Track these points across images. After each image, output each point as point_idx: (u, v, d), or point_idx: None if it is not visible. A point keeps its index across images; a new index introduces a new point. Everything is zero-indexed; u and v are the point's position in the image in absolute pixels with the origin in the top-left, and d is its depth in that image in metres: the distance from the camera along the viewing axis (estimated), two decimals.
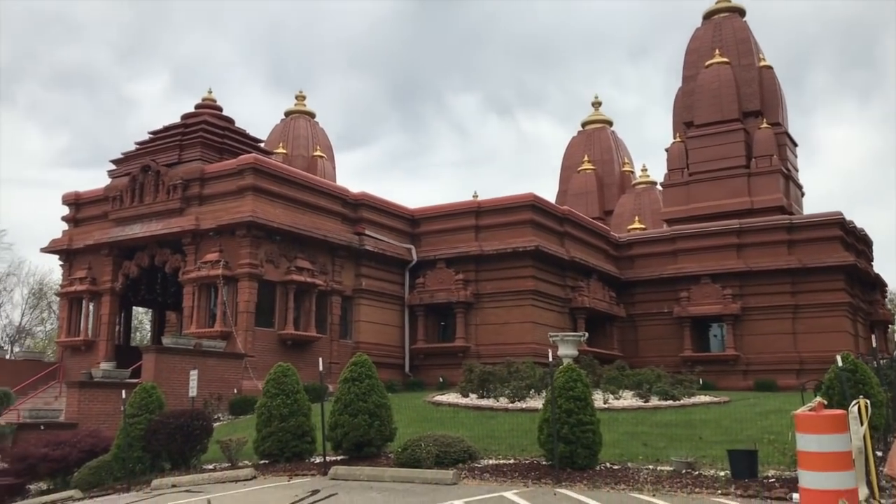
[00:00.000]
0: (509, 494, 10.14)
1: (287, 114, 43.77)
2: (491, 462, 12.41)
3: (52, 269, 52.09)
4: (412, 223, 31.64)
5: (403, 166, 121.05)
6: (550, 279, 30.32)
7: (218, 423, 18.41)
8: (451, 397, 20.41)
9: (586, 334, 24.41)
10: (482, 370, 19.84)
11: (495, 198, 31.02)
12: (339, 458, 13.18)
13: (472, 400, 19.49)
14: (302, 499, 10.39)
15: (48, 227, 61.56)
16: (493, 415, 17.45)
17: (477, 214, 30.45)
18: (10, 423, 17.53)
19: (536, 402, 18.11)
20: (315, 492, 10.82)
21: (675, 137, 39.76)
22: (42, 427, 17.49)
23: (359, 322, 28.62)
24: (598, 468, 11.55)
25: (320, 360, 13.75)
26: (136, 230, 26.53)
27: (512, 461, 12.39)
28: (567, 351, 21.20)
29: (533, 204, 29.67)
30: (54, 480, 15.54)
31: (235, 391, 21.69)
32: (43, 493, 15.50)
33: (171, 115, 29.54)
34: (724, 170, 37.06)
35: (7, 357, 30.80)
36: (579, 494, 10.02)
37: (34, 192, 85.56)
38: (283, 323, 25.48)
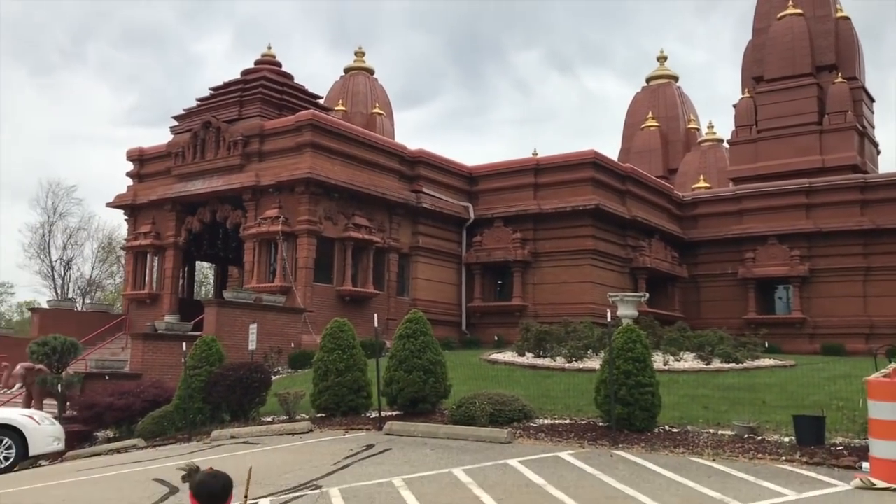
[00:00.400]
0: (564, 455, 9.99)
1: (346, 70, 43.60)
2: (546, 422, 12.26)
3: (119, 224, 53.47)
4: (470, 181, 31.33)
5: (462, 125, 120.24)
6: (610, 238, 29.77)
7: (277, 377, 18.68)
8: (507, 356, 20.29)
9: (647, 295, 23.94)
10: (539, 329, 19.64)
11: (555, 155, 30.45)
12: (394, 413, 13.21)
13: (529, 359, 19.33)
14: (356, 453, 10.42)
15: (116, 184, 63.09)
16: (548, 374, 17.28)
17: (536, 172, 29.96)
18: (78, 373, 18.08)
19: (594, 363, 17.87)
20: (370, 446, 10.85)
21: (743, 93, 38.34)
22: (107, 377, 18.00)
23: (416, 280, 28.63)
24: (656, 431, 11.30)
25: (375, 316, 13.73)
26: (198, 186, 26.87)
27: (567, 422, 12.23)
28: (627, 311, 20.79)
29: (594, 161, 29.03)
30: (119, 429, 16.01)
31: (294, 345, 21.96)
32: (109, 440, 16.00)
33: (233, 74, 29.73)
34: (794, 126, 35.64)
35: (77, 309, 31.78)
36: (637, 457, 9.81)
37: (103, 150, 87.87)
38: (341, 279, 25.64)
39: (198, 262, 35.40)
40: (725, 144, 41.71)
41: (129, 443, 14.49)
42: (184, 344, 15.95)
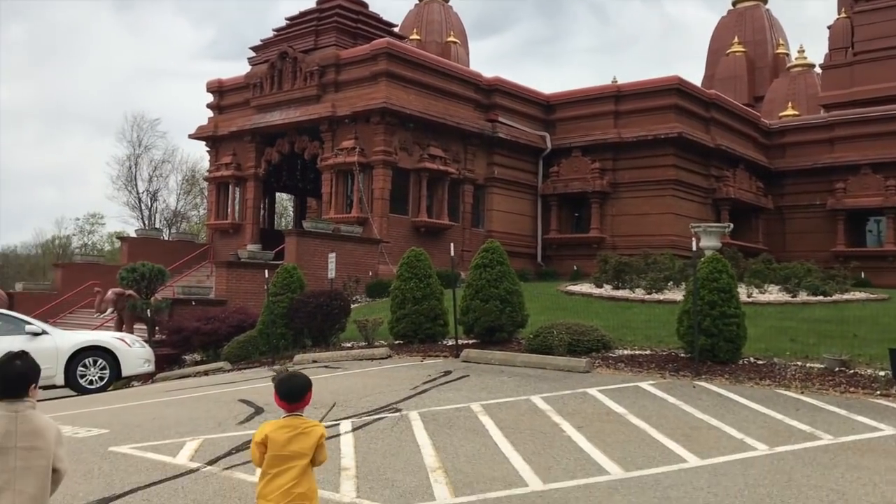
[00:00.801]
0: (645, 385, 9.84)
1: None
2: (625, 352, 12.09)
3: (202, 157, 54.71)
4: (547, 109, 30.65)
5: (538, 54, 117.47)
6: (693, 168, 28.84)
7: (355, 305, 18.97)
8: (585, 287, 20.07)
9: (730, 226, 23.21)
10: (618, 260, 19.30)
11: (637, 81, 29.42)
12: (470, 341, 13.24)
13: (607, 290, 19.07)
14: (434, 378, 10.50)
15: (197, 117, 64.41)
16: (628, 306, 17.02)
17: (616, 99, 29.07)
18: (166, 299, 18.74)
19: (674, 295, 17.51)
20: (447, 373, 10.92)
21: (839, 13, 36.08)
22: (193, 303, 18.61)
23: (491, 211, 28.45)
24: (740, 363, 11.01)
25: (452, 245, 13.68)
26: (276, 117, 27.08)
27: (648, 352, 12.03)
28: (709, 243, 20.19)
29: (678, 87, 27.94)
30: (206, 352, 16.59)
31: (371, 274, 22.24)
32: (196, 363, 16.61)
33: (310, 4, 29.41)
34: (895, 48, 33.42)
35: (163, 238, 32.87)
36: (720, 388, 9.58)
37: (184, 84, 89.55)
38: (416, 210, 25.67)
39: (277, 194, 36.00)
40: (817, 69, 39.52)
41: (215, 366, 15.01)
42: (266, 272, 16.28)
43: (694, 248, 12.04)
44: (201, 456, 6.98)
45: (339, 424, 7.99)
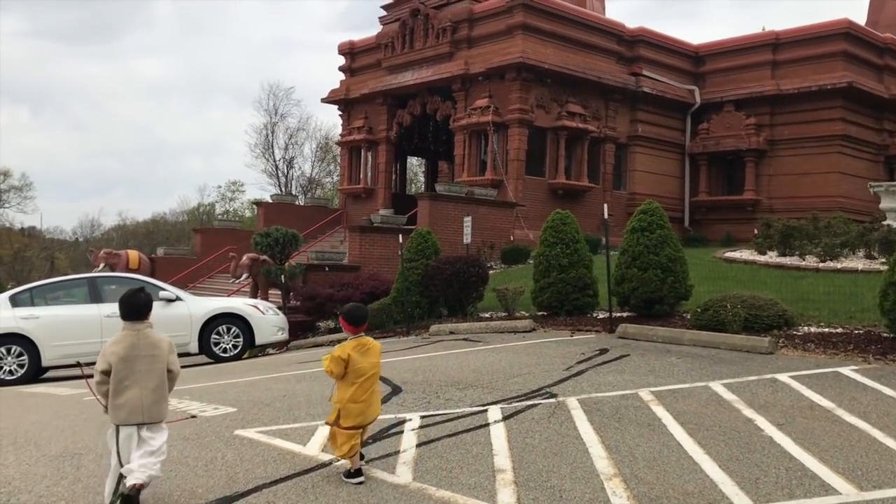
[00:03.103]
0: (846, 371, 8.22)
1: None
2: (812, 330, 10.39)
3: (335, 125, 55.14)
4: (695, 61, 28.28)
5: (677, 9, 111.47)
6: (864, 122, 25.85)
7: (490, 272, 17.92)
8: (745, 254, 18.14)
9: None
10: (785, 224, 17.23)
11: (798, 27, 26.56)
12: (624, 315, 11.90)
13: (772, 258, 17.09)
14: (589, 357, 9.27)
15: (330, 86, 65.02)
16: (800, 275, 15.06)
17: (774, 48, 26.38)
18: (300, 264, 18.38)
19: (853, 263, 15.43)
20: (603, 350, 9.65)
21: None
22: (327, 269, 18.14)
23: (633, 171, 26.61)
24: None
25: (605, 206, 12.27)
26: (408, 77, 26.25)
27: (839, 330, 10.28)
28: (891, 204, 17.78)
29: (847, 31, 24.97)
30: None
31: (512, 238, 21.13)
32: (331, 330, 16.08)
33: None
34: None
35: (297, 203, 33.00)
36: None
37: (317, 54, 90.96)
38: (553, 172, 24.26)
39: (408, 159, 35.40)
40: None
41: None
42: (399, 237, 15.48)
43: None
44: None
45: (486, 411, 6.94)
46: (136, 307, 4.77)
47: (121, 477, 4.62)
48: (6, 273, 52.68)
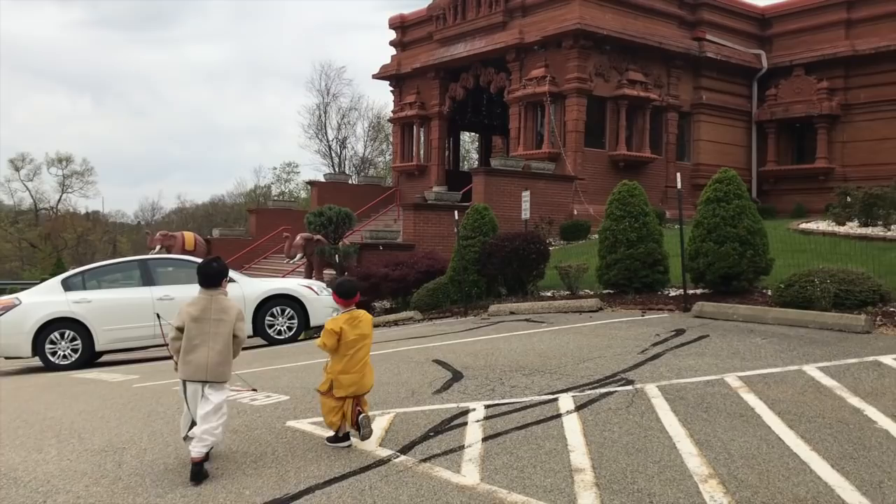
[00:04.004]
0: None
1: None
2: None
3: (387, 104, 54.74)
4: (762, 24, 26.87)
5: None
6: None
7: (550, 249, 17.23)
8: (822, 225, 17.07)
9: None
10: (867, 193, 16.10)
11: None
12: (698, 291, 11.13)
13: (853, 228, 16.01)
14: (665, 339, 8.57)
15: (382, 65, 64.46)
16: (886, 246, 14.02)
17: (849, 6, 24.83)
18: (354, 244, 17.96)
19: None
20: (679, 331, 8.94)
21: None
22: (381, 248, 17.68)
23: (698, 141, 25.47)
24: None
25: (678, 175, 11.42)
26: (460, 49, 25.52)
27: None
28: None
29: None
30: (395, 299, 15.58)
31: (575, 213, 20.36)
32: (387, 311, 15.66)
33: None
34: None
35: (351, 182, 32.65)
36: None
37: (369, 34, 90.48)
38: (613, 143, 23.33)
39: (461, 135, 34.70)
40: None
41: (405, 315, 13.90)
42: (455, 214, 14.90)
43: None
44: (392, 439, 5.57)
45: (557, 400, 6.34)
46: (208, 275, 5.24)
47: (193, 422, 5.10)
48: (70, 256, 53.88)
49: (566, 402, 6.27)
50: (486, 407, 6.24)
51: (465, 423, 5.84)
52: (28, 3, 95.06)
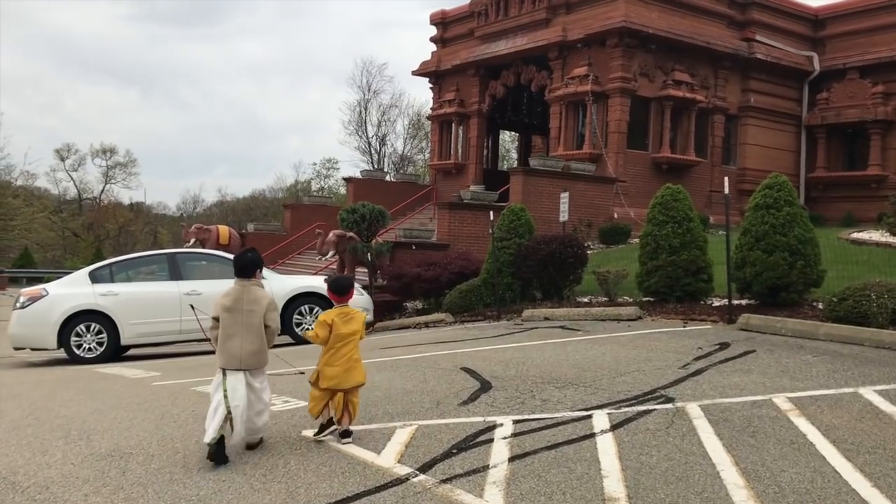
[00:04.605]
0: None
1: None
2: None
3: (426, 101, 54.50)
4: (814, 25, 25.99)
5: None
6: None
7: (588, 253, 16.74)
8: (875, 235, 16.35)
9: None
10: None
11: None
12: (743, 303, 10.59)
13: None
14: (708, 353, 8.07)
15: (423, 62, 64.30)
16: None
17: None
18: (387, 242, 17.64)
19: None
20: (723, 345, 8.43)
21: None
22: (414, 247, 17.35)
23: (744, 145, 24.72)
24: None
25: (726, 179, 10.86)
26: (501, 46, 25.09)
27: None
28: None
29: None
30: (427, 300, 15.23)
31: (616, 216, 19.82)
32: (418, 312, 15.32)
33: None
34: None
35: (387, 179, 32.42)
36: None
37: (411, 31, 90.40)
38: (657, 145, 22.71)
39: (500, 135, 34.28)
40: None
41: (436, 317, 13.55)
42: (490, 214, 14.49)
43: None
44: (412, 455, 5.20)
45: (591, 417, 5.91)
46: (242, 265, 5.41)
47: (227, 414, 5.10)
48: (111, 246, 54.59)
49: (601, 419, 5.84)
50: (515, 422, 5.84)
51: (492, 440, 5.45)
52: None
